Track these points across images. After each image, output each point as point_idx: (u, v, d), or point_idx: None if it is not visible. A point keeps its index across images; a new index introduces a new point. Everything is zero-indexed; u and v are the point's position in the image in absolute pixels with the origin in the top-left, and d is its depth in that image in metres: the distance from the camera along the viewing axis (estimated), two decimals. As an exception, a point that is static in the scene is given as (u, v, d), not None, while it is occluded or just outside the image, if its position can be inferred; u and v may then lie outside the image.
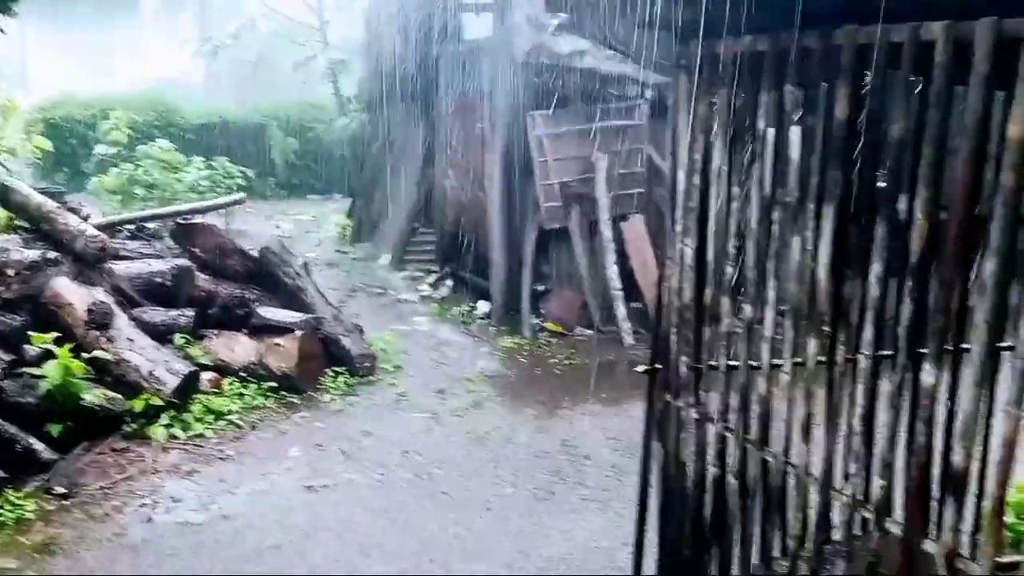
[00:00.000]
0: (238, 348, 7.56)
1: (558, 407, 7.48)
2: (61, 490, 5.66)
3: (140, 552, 5.05)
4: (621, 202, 9.59)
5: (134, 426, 6.49)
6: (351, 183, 15.15)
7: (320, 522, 5.42)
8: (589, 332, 9.50)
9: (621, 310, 9.27)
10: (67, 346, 6.19)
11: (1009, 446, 2.00)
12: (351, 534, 5.27)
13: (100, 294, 6.93)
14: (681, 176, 3.22)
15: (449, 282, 11.27)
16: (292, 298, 8.17)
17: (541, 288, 9.73)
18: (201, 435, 6.62)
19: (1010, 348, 2.08)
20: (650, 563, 3.85)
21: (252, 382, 7.39)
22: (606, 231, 9.35)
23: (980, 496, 2.81)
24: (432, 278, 11.60)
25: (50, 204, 7.65)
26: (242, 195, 10.74)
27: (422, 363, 8.59)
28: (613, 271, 9.32)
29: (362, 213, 14.35)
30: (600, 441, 6.74)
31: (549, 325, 9.48)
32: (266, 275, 8.21)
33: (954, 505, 2.15)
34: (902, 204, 2.29)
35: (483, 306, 10.11)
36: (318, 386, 7.66)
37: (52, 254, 7.05)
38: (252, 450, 6.48)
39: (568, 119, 9.41)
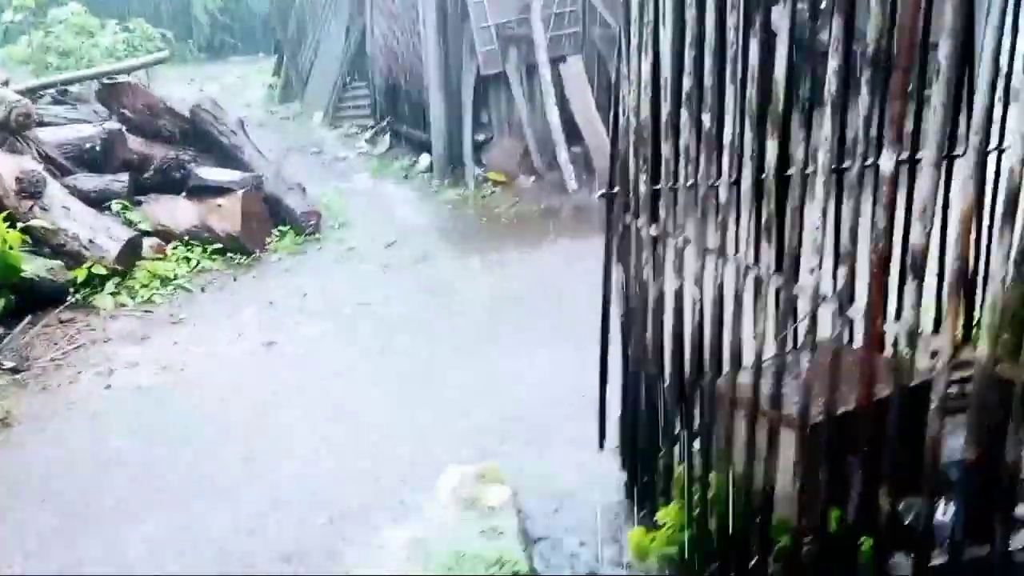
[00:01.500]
0: (179, 212, 7.38)
1: (506, 254, 7.52)
2: (10, 364, 5.59)
3: (99, 417, 5.05)
4: (558, 43, 9.36)
5: (79, 296, 6.38)
6: (277, 40, 14.42)
7: (281, 378, 5.44)
8: (533, 179, 9.45)
9: (563, 155, 9.21)
10: (-1, 216, 5.97)
11: (966, 222, 2.08)
12: (313, 388, 5.30)
13: (28, 162, 6.62)
14: (633, -13, 3.13)
15: (387, 137, 11.00)
16: (229, 157, 7.93)
17: (482, 138, 9.58)
18: (150, 301, 6.55)
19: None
20: (616, 386, 3.99)
21: (197, 245, 7.27)
22: (545, 74, 9.15)
23: (941, 276, 2.93)
24: (369, 134, 11.31)
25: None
26: (165, 52, 10.19)
27: (367, 219, 8.50)
28: (554, 115, 9.20)
29: (289, 70, 13.78)
30: (550, 282, 6.82)
31: (492, 174, 9.40)
32: (200, 134, 7.92)
33: (914, 284, 2.24)
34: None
35: (424, 159, 9.94)
36: (265, 246, 7.56)
37: (-30, 123, 6.67)
38: (204, 312, 6.45)
39: (501, -44, 9.01)
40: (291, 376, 5.44)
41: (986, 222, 3.50)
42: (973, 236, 2.10)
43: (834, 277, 2.55)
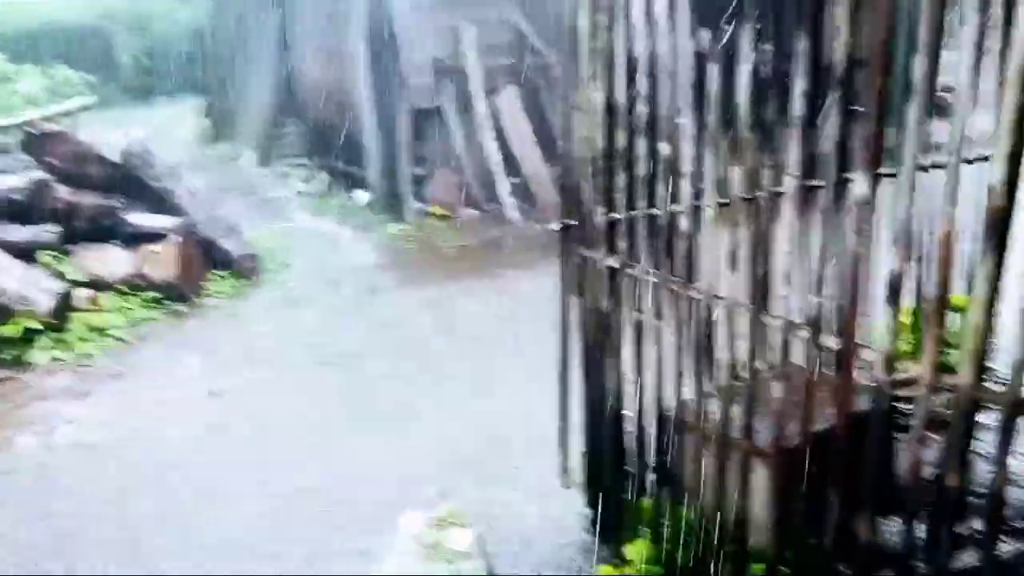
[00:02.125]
0: (112, 261, 7.11)
1: (452, 288, 7.43)
2: (-56, 426, 5.26)
3: (42, 481, 4.77)
4: (493, 74, 9.37)
5: (13, 353, 6.06)
6: (203, 81, 14.17)
7: (231, 427, 5.25)
8: (474, 212, 9.41)
9: (504, 186, 9.20)
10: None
11: (946, 246, 2.07)
12: (266, 435, 5.12)
13: (-52, 217, 6.31)
14: (582, 16, 3.10)
15: (323, 174, 10.85)
16: (162, 202, 7.68)
17: (420, 172, 9.51)
18: (88, 355, 6.27)
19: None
20: (577, 420, 3.93)
21: (133, 294, 7.00)
22: (480, 106, 9.15)
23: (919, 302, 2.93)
24: (304, 172, 11.15)
25: None
26: (92, 98, 9.89)
27: (308, 259, 8.33)
28: (492, 147, 9.20)
29: (218, 111, 13.54)
30: (503, 312, 6.75)
31: (433, 209, 9.33)
32: (131, 180, 7.65)
33: (890, 311, 2.23)
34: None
35: (362, 196, 9.83)
36: (203, 292, 7.34)
37: None
38: (146, 364, 6.19)
39: (431, -10, 9.01)
40: (240, 426, 5.24)
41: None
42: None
43: (806, 304, 2.53)
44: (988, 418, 2.73)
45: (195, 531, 4.20)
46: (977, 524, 3.33)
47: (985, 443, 2.45)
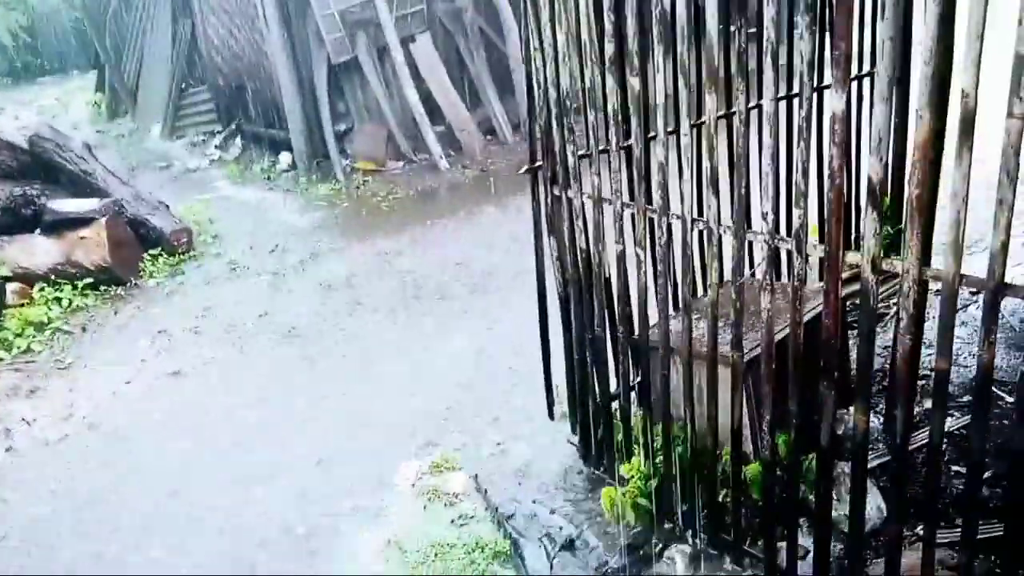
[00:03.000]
0: (38, 250, 6.85)
1: (395, 241, 7.42)
2: None
3: (6, 485, 4.63)
4: (405, 23, 9.24)
5: (-54, 358, 5.83)
6: (96, 54, 13.49)
7: (195, 408, 5.15)
8: (401, 164, 9.35)
9: (430, 135, 9.15)
10: None
11: (922, 147, 2.23)
12: (236, 411, 5.05)
13: None
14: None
15: (238, 140, 10.58)
16: (81, 185, 7.40)
17: (343, 128, 9.37)
18: (29, 350, 6.07)
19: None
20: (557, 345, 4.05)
21: (65, 283, 6.77)
22: (397, 56, 9.03)
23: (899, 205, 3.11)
24: (218, 139, 10.84)
25: None
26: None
27: (240, 228, 8.17)
28: (414, 96, 9.11)
29: (114, 85, 12.96)
30: (447, 263, 6.79)
31: (360, 164, 9.23)
32: (44, 165, 7.34)
33: (873, 214, 2.39)
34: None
35: (285, 158, 9.64)
36: (139, 273, 7.14)
37: None
38: (92, 353, 6.03)
39: (334, -60, 8.78)
40: (207, 404, 5.17)
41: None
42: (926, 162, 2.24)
43: (788, 217, 2.68)
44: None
45: (195, 526, 4.18)
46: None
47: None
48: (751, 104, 2.71)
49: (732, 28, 2.68)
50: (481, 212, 7.88)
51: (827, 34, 4.17)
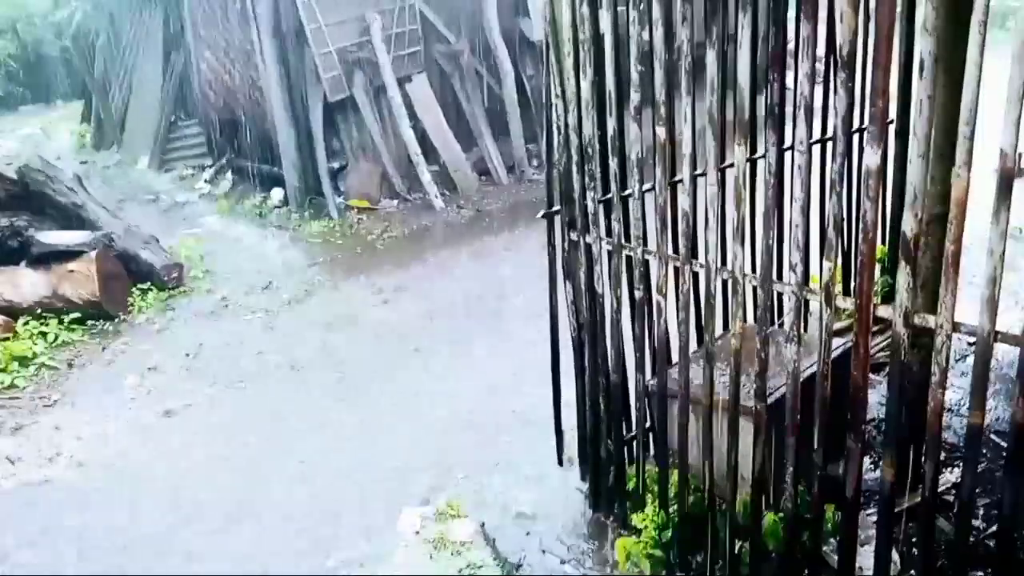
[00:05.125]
0: (24, 283, 6.72)
1: (391, 278, 7.37)
2: None
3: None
4: (402, 63, 9.29)
5: (-73, 392, 5.67)
6: (83, 84, 13.42)
7: (189, 448, 5.01)
8: (395, 202, 9.33)
9: (426, 174, 9.15)
10: None
11: (960, 205, 2.24)
12: (233, 451, 4.92)
13: None
14: (564, 7, 3.15)
15: (229, 174, 10.50)
16: (71, 217, 7.29)
17: (337, 165, 9.35)
18: (13, 386, 5.91)
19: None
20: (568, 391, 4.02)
21: (52, 317, 6.64)
22: (394, 95, 9.05)
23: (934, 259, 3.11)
24: (208, 173, 10.76)
25: None
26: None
27: (232, 263, 8.08)
28: (410, 135, 9.12)
29: (101, 115, 12.88)
30: (446, 302, 6.75)
31: (354, 201, 9.19)
32: (33, 196, 7.23)
33: (907, 269, 2.40)
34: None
35: (277, 193, 9.57)
36: (129, 308, 7.02)
37: None
38: (79, 389, 5.89)
39: (333, -21, 8.83)
40: (198, 445, 5.03)
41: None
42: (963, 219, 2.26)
43: (820, 269, 2.68)
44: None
45: (188, 568, 4.06)
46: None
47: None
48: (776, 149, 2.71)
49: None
50: (478, 250, 7.87)
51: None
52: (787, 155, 3.83)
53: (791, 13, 3.63)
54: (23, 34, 16.60)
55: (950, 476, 3.82)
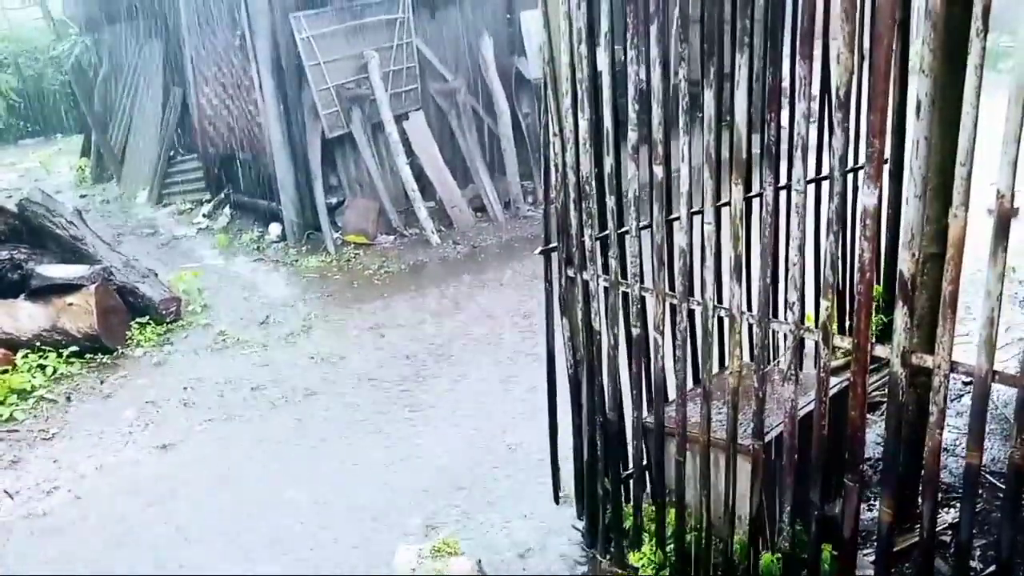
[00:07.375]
0: (23, 316, 6.72)
1: (387, 315, 7.38)
2: None
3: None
4: (399, 100, 9.39)
5: (-76, 425, 5.64)
6: (82, 118, 13.53)
7: (186, 483, 5.00)
8: (392, 238, 9.37)
9: (422, 211, 9.21)
10: None
11: (957, 245, 2.27)
12: (230, 488, 4.91)
13: None
14: (562, 46, 3.20)
15: (227, 209, 10.55)
16: (71, 250, 7.32)
17: (334, 201, 9.40)
18: (11, 419, 5.90)
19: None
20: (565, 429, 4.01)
21: (50, 350, 6.64)
22: (392, 132, 9.13)
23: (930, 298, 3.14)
24: (206, 208, 10.81)
25: None
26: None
27: (229, 298, 8.09)
28: (407, 172, 9.19)
29: (101, 149, 12.96)
30: (442, 339, 6.76)
31: (350, 237, 9.23)
32: (33, 230, 7.27)
33: (904, 308, 2.42)
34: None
35: (275, 228, 9.61)
36: (127, 341, 7.02)
37: None
38: (78, 423, 5.87)
39: (334, 17, 8.94)
40: (196, 480, 5.03)
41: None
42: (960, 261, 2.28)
43: (816, 308, 2.70)
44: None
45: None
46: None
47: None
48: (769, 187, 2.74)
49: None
50: (474, 286, 7.90)
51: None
52: (782, 193, 3.91)
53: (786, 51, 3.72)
54: (24, 68, 16.72)
55: (947, 516, 3.81)
